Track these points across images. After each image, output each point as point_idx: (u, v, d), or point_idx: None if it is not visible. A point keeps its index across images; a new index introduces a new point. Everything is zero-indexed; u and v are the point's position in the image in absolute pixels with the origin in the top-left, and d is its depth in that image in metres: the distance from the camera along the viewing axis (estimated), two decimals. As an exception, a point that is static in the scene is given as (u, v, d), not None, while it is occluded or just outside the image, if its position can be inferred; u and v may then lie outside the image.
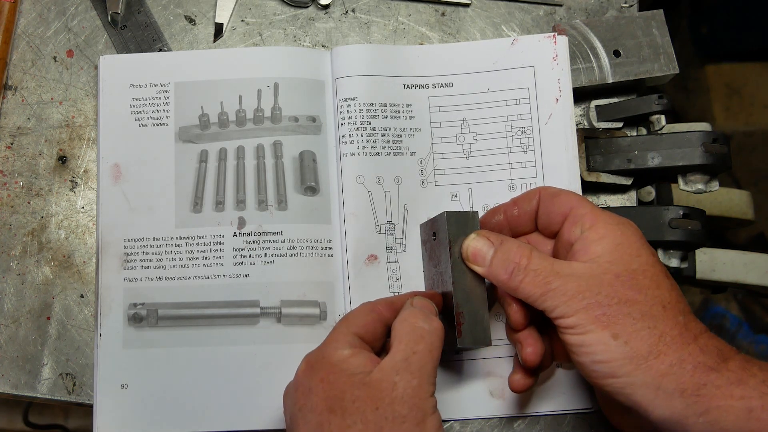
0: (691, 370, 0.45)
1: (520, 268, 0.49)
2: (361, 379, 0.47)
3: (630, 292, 0.47)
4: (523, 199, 0.55)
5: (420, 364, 0.47)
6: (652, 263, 0.49)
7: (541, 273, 0.48)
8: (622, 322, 0.46)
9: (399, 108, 0.63)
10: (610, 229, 0.49)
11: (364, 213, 0.60)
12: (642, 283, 0.47)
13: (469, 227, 0.54)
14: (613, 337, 0.46)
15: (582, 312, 0.46)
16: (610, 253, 0.48)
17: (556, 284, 0.48)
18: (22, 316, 0.61)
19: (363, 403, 0.46)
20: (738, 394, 0.44)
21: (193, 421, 0.57)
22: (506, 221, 0.55)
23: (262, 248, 0.60)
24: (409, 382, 0.46)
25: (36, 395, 0.59)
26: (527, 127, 0.63)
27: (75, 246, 0.62)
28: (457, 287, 0.53)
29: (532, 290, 0.48)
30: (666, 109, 0.62)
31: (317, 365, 0.49)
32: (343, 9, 0.68)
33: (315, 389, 0.47)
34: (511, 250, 0.50)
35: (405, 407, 0.45)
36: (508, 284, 0.50)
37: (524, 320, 0.52)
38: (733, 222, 0.78)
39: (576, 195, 0.53)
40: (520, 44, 0.64)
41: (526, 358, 0.52)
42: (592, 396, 0.59)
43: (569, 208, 0.52)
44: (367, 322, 0.51)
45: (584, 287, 0.47)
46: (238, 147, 0.63)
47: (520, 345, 0.53)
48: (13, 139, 0.64)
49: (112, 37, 0.66)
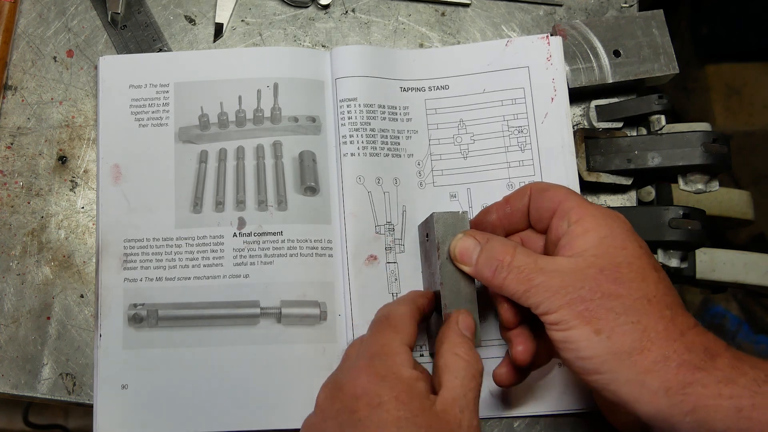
0: (675, 368, 0.44)
1: (503, 266, 0.49)
2: (429, 407, 0.46)
3: (613, 285, 0.46)
4: (515, 197, 0.54)
5: (475, 402, 0.48)
6: (638, 255, 0.48)
7: (524, 270, 0.48)
8: (605, 317, 0.45)
9: (396, 110, 0.63)
10: (596, 223, 0.48)
11: (364, 213, 0.60)
12: (626, 276, 0.46)
13: (458, 227, 0.54)
14: (596, 332, 0.45)
15: (565, 307, 0.46)
16: (596, 247, 0.47)
17: (539, 280, 0.47)
18: (22, 316, 0.61)
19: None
20: (727, 393, 0.43)
21: (193, 422, 0.57)
22: (499, 220, 0.55)
23: (262, 248, 0.60)
24: (471, 420, 0.47)
25: (36, 395, 0.59)
26: (524, 126, 0.63)
27: (75, 246, 0.62)
28: (446, 287, 0.53)
29: (515, 287, 0.48)
30: (666, 109, 0.62)
31: (389, 378, 0.47)
32: (343, 9, 0.68)
33: (387, 405, 0.46)
34: (496, 248, 0.50)
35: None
36: (492, 282, 0.50)
37: (515, 318, 0.52)
38: (733, 222, 0.78)
39: (564, 189, 0.52)
40: (514, 45, 0.64)
41: (516, 356, 0.52)
42: (592, 396, 0.59)
43: (557, 203, 0.51)
44: (413, 332, 0.51)
45: (568, 282, 0.46)
46: (237, 147, 0.63)
47: (511, 343, 0.53)
48: (13, 139, 0.64)
49: (112, 37, 0.66)
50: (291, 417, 0.57)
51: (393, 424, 0.45)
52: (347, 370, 0.50)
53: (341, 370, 0.51)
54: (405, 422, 0.45)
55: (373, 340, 0.51)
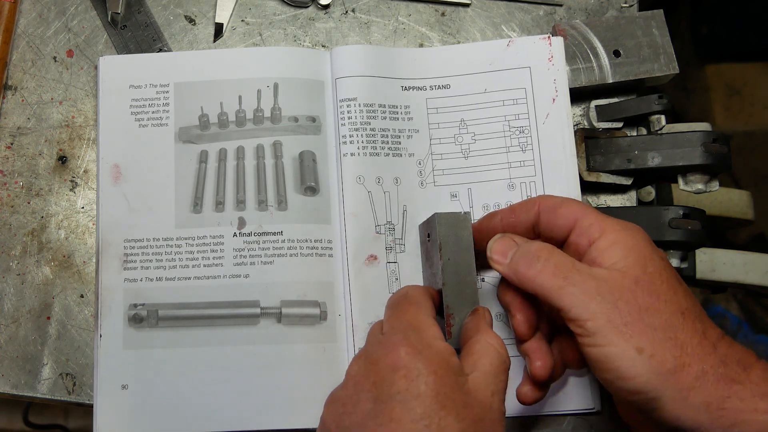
0: (713, 383, 0.44)
1: (540, 259, 0.48)
2: (463, 384, 0.46)
3: (650, 299, 0.45)
4: (521, 209, 0.53)
5: (505, 391, 0.48)
6: (665, 266, 0.47)
7: (561, 266, 0.47)
8: (645, 333, 0.44)
9: (397, 109, 0.63)
10: (620, 235, 0.48)
11: (364, 213, 0.60)
12: (660, 288, 0.46)
13: (460, 228, 0.54)
14: (638, 351, 0.44)
15: (601, 317, 0.45)
16: (625, 259, 0.47)
17: (577, 279, 0.46)
18: (22, 316, 0.61)
19: (471, 411, 0.45)
20: (762, 408, 0.43)
21: (194, 422, 0.57)
22: (503, 227, 0.54)
23: (262, 248, 0.60)
24: (500, 406, 0.47)
25: (36, 395, 0.59)
26: (525, 126, 0.63)
27: (75, 246, 0.62)
28: (448, 287, 0.53)
29: (550, 281, 0.47)
30: (666, 109, 0.62)
31: (425, 351, 0.47)
32: (343, 9, 0.68)
33: (425, 378, 0.45)
34: (533, 245, 0.50)
35: (500, 429, 0.46)
36: (525, 274, 0.49)
37: (530, 330, 0.52)
38: (733, 222, 0.78)
39: (578, 204, 0.51)
40: (515, 46, 0.64)
41: (536, 372, 0.51)
42: (592, 396, 0.59)
43: (573, 220, 0.50)
44: (433, 308, 0.52)
45: (605, 289, 0.45)
46: (237, 147, 0.63)
47: (529, 358, 0.52)
48: (13, 139, 0.64)
49: (112, 37, 0.66)
50: (291, 417, 0.57)
51: (431, 398, 0.44)
52: (379, 344, 0.49)
53: (372, 345, 0.50)
54: (443, 396, 0.44)
55: (400, 316, 0.51)
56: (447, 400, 0.44)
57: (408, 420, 0.43)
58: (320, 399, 0.50)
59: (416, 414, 0.44)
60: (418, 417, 0.43)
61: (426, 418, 0.43)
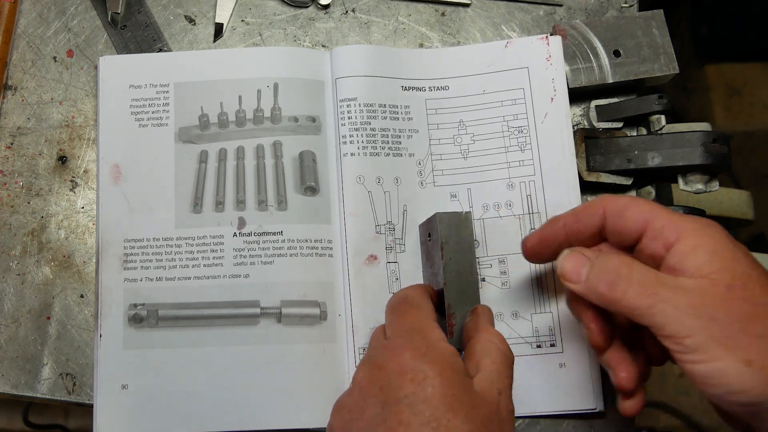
0: None
1: (622, 277, 0.45)
2: (470, 386, 0.46)
3: (746, 305, 0.42)
4: (585, 214, 0.50)
5: (511, 389, 0.48)
6: (752, 265, 0.44)
7: (646, 283, 0.44)
8: (750, 343, 0.41)
9: (397, 109, 0.63)
10: (699, 238, 0.45)
11: (364, 213, 0.60)
12: (754, 291, 0.43)
13: (461, 227, 0.55)
14: (746, 363, 0.41)
15: (700, 332, 0.42)
16: (710, 264, 0.43)
17: (666, 295, 0.43)
18: (22, 316, 0.61)
19: (479, 412, 0.45)
20: None
21: (194, 422, 0.57)
22: (566, 235, 0.51)
23: (262, 248, 0.60)
24: (508, 404, 0.47)
25: (36, 395, 0.59)
26: (524, 126, 0.63)
27: (75, 246, 0.62)
28: (449, 287, 0.54)
29: (638, 301, 0.44)
30: (666, 109, 0.62)
31: (430, 354, 0.46)
32: (343, 9, 0.68)
33: (431, 380, 0.45)
34: (610, 260, 0.46)
35: (509, 427, 0.46)
36: (609, 296, 0.45)
37: (606, 341, 0.49)
38: (733, 222, 0.77)
39: (646, 204, 0.48)
40: (514, 46, 0.64)
41: (623, 384, 0.49)
42: (592, 396, 0.59)
43: (644, 223, 0.47)
44: (433, 309, 0.52)
45: (697, 302, 0.42)
46: (237, 147, 0.63)
47: (613, 371, 0.50)
48: (13, 139, 0.64)
49: (112, 37, 0.66)
50: (291, 417, 0.57)
51: (439, 400, 0.44)
52: (384, 349, 0.49)
53: (375, 350, 0.50)
54: (451, 398, 0.44)
55: (402, 320, 0.51)
56: (455, 401, 0.44)
57: (417, 423, 0.43)
58: (320, 399, 0.51)
59: (425, 417, 0.44)
60: (427, 420, 0.43)
61: (434, 421, 0.43)
